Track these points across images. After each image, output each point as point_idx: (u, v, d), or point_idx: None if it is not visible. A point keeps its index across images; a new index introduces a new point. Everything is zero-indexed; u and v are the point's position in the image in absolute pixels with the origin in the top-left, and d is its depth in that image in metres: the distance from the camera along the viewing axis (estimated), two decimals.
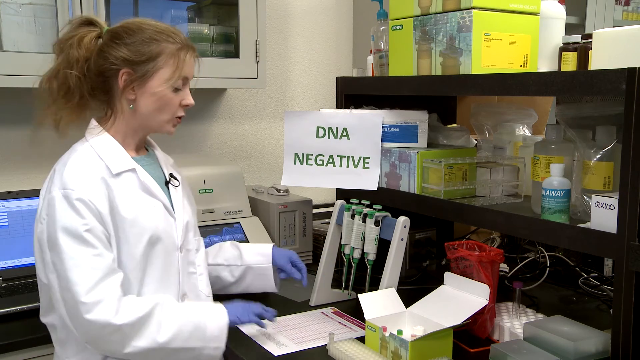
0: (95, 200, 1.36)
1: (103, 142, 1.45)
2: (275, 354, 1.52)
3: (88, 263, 1.33)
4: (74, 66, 1.41)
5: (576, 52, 1.60)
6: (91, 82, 1.43)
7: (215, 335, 1.44)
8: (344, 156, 1.92)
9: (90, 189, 1.36)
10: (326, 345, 1.55)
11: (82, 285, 1.31)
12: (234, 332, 1.60)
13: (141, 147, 1.55)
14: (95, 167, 1.41)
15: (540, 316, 1.63)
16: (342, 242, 1.83)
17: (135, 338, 1.34)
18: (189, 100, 1.48)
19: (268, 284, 1.76)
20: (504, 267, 2.10)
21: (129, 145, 1.49)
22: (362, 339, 1.54)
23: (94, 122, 1.49)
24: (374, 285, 1.74)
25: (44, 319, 1.48)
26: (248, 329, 1.64)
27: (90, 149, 1.44)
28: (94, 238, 1.34)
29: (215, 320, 1.45)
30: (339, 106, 2.05)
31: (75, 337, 1.39)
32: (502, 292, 1.74)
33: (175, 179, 1.58)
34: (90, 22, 1.45)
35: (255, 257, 1.75)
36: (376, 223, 1.73)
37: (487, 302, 1.52)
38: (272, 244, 1.80)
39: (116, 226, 1.39)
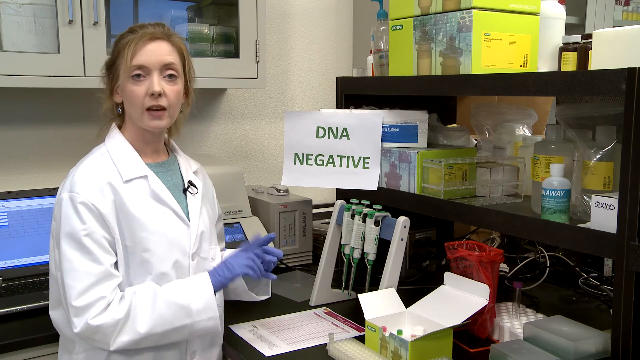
0: (100, 205, 1.38)
1: (118, 145, 1.47)
2: (267, 355, 1.52)
3: (83, 268, 1.35)
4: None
5: (576, 52, 1.60)
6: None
7: (201, 309, 1.42)
8: (344, 156, 1.91)
9: (94, 194, 1.38)
10: (320, 345, 1.56)
11: (74, 289, 1.34)
12: (226, 333, 1.60)
13: (159, 152, 1.55)
14: (105, 172, 1.42)
15: (540, 316, 1.63)
16: (342, 242, 1.83)
17: (117, 335, 1.36)
18: (153, 87, 1.40)
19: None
20: (504, 267, 2.10)
21: (142, 150, 1.50)
22: (361, 339, 1.55)
23: (113, 126, 1.52)
24: (374, 285, 1.73)
25: (52, 312, 1.49)
26: (243, 333, 1.64)
27: (106, 153, 1.46)
28: (92, 243, 1.36)
29: (198, 294, 1.43)
30: (339, 106, 2.05)
31: None
32: (502, 292, 1.74)
33: (194, 186, 1.57)
34: None
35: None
36: (376, 223, 1.73)
37: (487, 302, 1.52)
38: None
39: (125, 230, 1.40)
